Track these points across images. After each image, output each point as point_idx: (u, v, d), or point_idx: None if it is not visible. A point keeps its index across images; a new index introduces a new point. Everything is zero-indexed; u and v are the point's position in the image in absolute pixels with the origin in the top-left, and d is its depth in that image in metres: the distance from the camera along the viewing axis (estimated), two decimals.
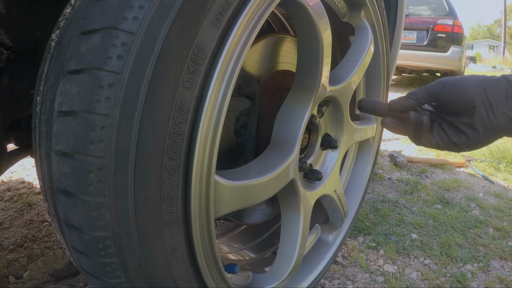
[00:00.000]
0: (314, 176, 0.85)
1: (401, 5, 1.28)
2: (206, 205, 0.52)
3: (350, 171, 1.22)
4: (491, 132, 0.59)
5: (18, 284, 1.05)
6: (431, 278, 1.20)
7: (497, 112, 0.57)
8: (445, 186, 2.01)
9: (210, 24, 0.47)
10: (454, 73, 5.77)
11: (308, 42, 0.71)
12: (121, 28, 0.40)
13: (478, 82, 0.60)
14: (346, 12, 0.95)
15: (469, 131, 0.61)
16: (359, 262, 1.25)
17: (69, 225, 0.44)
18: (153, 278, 0.48)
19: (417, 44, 5.70)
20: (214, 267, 0.59)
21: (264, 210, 0.99)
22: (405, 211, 1.67)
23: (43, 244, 1.24)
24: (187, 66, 0.45)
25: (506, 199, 1.91)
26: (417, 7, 6.15)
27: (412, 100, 0.66)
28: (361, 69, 0.91)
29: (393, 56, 1.35)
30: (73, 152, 0.41)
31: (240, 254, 1.09)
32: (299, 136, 0.74)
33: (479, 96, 0.58)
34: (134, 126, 0.41)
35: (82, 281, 1.07)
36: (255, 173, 0.65)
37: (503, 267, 1.30)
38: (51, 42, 0.45)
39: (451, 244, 1.40)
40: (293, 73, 0.88)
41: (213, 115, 0.49)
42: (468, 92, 0.60)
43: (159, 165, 0.44)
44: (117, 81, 0.40)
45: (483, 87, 0.59)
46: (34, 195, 1.60)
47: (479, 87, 0.59)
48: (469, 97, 0.59)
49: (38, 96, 0.45)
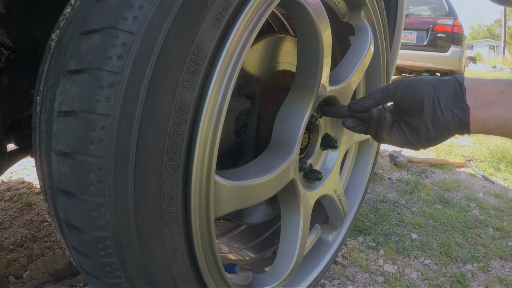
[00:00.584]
0: (314, 176, 0.85)
1: (401, 5, 1.28)
2: (206, 205, 0.52)
3: (350, 171, 1.22)
4: (441, 130, 0.60)
5: (18, 284, 1.05)
6: (431, 278, 1.20)
7: (446, 111, 0.59)
8: (445, 186, 2.01)
9: (210, 24, 0.47)
10: (454, 73, 5.77)
11: (308, 42, 0.71)
12: (121, 28, 0.40)
13: (429, 82, 0.61)
14: (346, 12, 0.95)
15: (420, 130, 0.63)
16: (359, 262, 1.25)
17: (69, 225, 0.44)
18: (153, 278, 0.48)
19: (417, 44, 5.69)
20: (214, 267, 0.59)
21: (264, 210, 0.99)
22: (405, 211, 1.67)
23: (43, 244, 1.24)
24: (187, 66, 0.45)
25: (506, 199, 1.91)
26: (417, 7, 6.14)
27: (370, 100, 0.69)
28: (361, 69, 0.91)
29: (393, 56, 1.35)
30: (73, 152, 0.41)
31: (240, 254, 1.09)
32: (299, 136, 0.74)
33: (429, 95, 0.60)
34: (134, 126, 0.41)
35: (82, 281, 1.07)
36: (255, 173, 0.65)
37: (503, 267, 1.30)
38: (51, 42, 0.45)
39: (451, 244, 1.40)
40: (293, 73, 0.88)
41: (213, 115, 0.49)
42: (419, 91, 0.61)
43: (159, 165, 0.44)
44: (117, 81, 0.40)
45: (433, 86, 0.60)
46: (34, 195, 1.60)
47: (430, 86, 0.61)
48: (419, 96, 0.61)
49: (38, 96, 0.45)
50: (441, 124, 0.60)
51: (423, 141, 0.64)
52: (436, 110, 0.60)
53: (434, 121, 0.60)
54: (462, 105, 0.58)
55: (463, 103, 0.58)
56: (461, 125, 0.58)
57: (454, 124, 0.59)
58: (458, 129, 0.59)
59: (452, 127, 0.59)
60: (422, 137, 0.63)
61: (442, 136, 0.62)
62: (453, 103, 0.59)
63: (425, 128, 0.62)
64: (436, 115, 0.60)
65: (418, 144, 0.65)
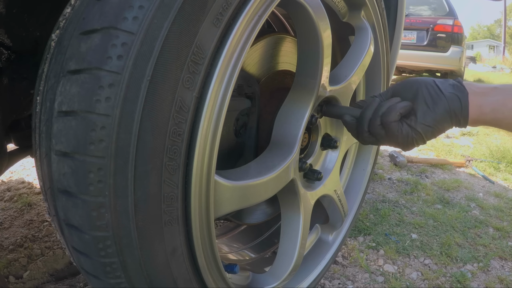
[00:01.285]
0: (314, 176, 0.85)
1: (401, 5, 1.28)
2: (206, 205, 0.52)
3: (350, 171, 1.22)
4: (441, 107, 0.61)
5: (18, 284, 1.05)
6: (431, 278, 1.20)
7: (445, 91, 0.62)
8: (445, 186, 2.01)
9: (210, 24, 0.47)
10: (454, 73, 5.77)
11: (308, 42, 0.71)
12: (121, 28, 0.40)
13: (427, 78, 0.66)
14: (346, 12, 0.95)
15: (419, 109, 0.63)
16: (359, 262, 1.25)
17: (69, 225, 0.44)
18: (153, 278, 0.48)
19: (417, 44, 5.69)
20: (214, 267, 0.59)
21: (264, 210, 0.99)
22: (405, 211, 1.67)
23: (43, 244, 1.24)
24: (187, 66, 0.45)
25: (506, 199, 1.91)
26: (417, 7, 6.14)
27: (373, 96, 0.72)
28: (361, 69, 0.91)
29: (393, 56, 1.35)
30: (73, 152, 0.41)
31: (240, 254, 1.09)
32: (299, 136, 0.74)
33: (427, 81, 0.64)
34: (134, 126, 0.41)
35: (82, 281, 1.07)
36: (255, 173, 0.65)
37: (503, 267, 1.30)
38: (51, 42, 0.45)
39: (451, 244, 1.40)
40: (293, 73, 0.88)
41: (213, 115, 0.49)
42: (417, 81, 0.66)
43: (159, 165, 0.44)
44: (117, 81, 0.40)
45: (432, 79, 0.65)
46: (34, 195, 1.60)
47: (428, 79, 0.65)
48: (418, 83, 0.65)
49: (38, 96, 0.45)
50: (441, 101, 0.61)
51: (427, 123, 0.62)
52: (435, 90, 0.62)
53: (433, 99, 0.62)
54: (461, 88, 0.62)
55: (461, 87, 0.62)
56: (461, 104, 0.60)
57: (454, 101, 0.60)
58: (458, 109, 0.60)
59: (451, 104, 0.60)
60: (427, 118, 0.62)
61: (442, 117, 0.61)
62: (451, 87, 0.62)
63: (424, 105, 0.62)
64: (435, 94, 0.62)
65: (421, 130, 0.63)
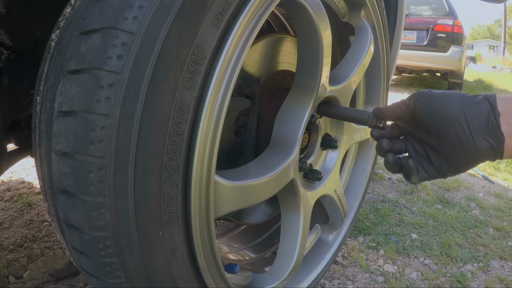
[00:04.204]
0: (314, 176, 0.85)
1: (401, 5, 1.28)
2: (206, 205, 0.52)
3: (350, 171, 1.22)
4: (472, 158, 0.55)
5: (18, 284, 1.05)
6: (431, 278, 1.20)
7: (478, 139, 0.54)
8: (445, 186, 2.01)
9: (210, 24, 0.47)
10: (454, 73, 5.77)
11: (308, 42, 0.71)
12: (121, 28, 0.40)
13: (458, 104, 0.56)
14: (346, 12, 0.95)
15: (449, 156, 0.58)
16: (359, 262, 1.25)
17: (69, 225, 0.44)
18: (153, 278, 0.48)
19: (417, 44, 5.69)
20: (214, 267, 0.59)
21: (264, 210, 0.99)
22: (405, 211, 1.67)
23: (43, 244, 1.24)
24: (187, 66, 0.45)
25: (506, 199, 1.92)
26: (417, 7, 6.14)
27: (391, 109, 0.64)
28: (361, 69, 0.91)
29: (393, 56, 1.35)
30: (73, 152, 0.41)
31: (240, 254, 1.09)
32: (299, 136, 0.74)
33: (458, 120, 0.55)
34: (134, 126, 0.41)
35: (82, 281, 1.07)
36: (255, 173, 0.65)
37: (503, 267, 1.30)
38: (51, 42, 0.45)
39: (451, 244, 1.40)
40: (293, 73, 0.88)
41: (213, 115, 0.49)
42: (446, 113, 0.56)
43: (159, 165, 0.44)
44: (117, 81, 0.40)
45: (463, 110, 0.55)
46: (34, 195, 1.60)
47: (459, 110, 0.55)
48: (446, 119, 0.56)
49: (38, 96, 0.45)
50: (472, 152, 0.54)
51: (451, 169, 0.58)
52: (467, 138, 0.54)
53: (464, 148, 0.55)
54: (496, 132, 0.52)
55: (497, 130, 0.52)
56: (494, 153, 0.54)
57: (487, 153, 0.54)
58: (491, 157, 0.54)
59: (484, 155, 0.54)
60: (451, 164, 0.58)
61: (472, 164, 0.57)
62: (486, 130, 0.53)
63: (454, 155, 0.56)
64: (467, 143, 0.54)
65: (447, 171, 0.59)
